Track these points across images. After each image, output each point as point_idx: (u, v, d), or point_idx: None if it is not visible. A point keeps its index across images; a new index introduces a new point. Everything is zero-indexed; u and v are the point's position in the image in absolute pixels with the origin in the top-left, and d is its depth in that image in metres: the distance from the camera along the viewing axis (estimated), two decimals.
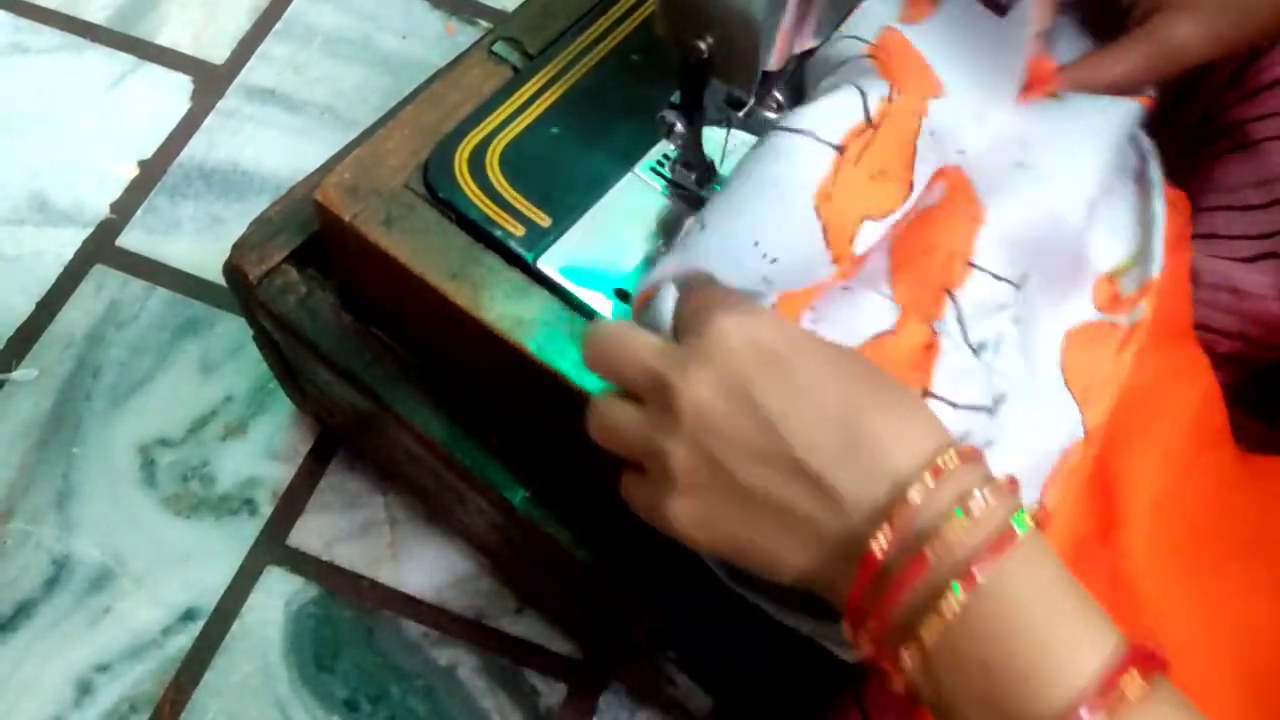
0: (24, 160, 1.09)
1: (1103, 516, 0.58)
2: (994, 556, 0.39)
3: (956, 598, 0.38)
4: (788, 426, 0.42)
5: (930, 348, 0.53)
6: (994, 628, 0.39)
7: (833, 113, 0.55)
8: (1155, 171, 0.63)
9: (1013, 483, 0.42)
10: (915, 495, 0.40)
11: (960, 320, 0.55)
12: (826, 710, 0.66)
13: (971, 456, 0.41)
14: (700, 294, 0.49)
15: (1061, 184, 0.59)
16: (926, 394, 0.53)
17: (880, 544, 0.40)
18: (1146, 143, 0.64)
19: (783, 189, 0.54)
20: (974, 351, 0.55)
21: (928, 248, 0.56)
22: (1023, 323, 0.57)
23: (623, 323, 0.48)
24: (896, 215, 0.55)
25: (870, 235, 0.54)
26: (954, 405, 0.53)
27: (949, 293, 0.55)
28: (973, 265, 0.56)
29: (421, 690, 0.87)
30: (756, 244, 0.53)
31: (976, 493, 0.40)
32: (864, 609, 0.41)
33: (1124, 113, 0.62)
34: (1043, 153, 0.59)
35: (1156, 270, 0.61)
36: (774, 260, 0.53)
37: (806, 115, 0.55)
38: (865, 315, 0.53)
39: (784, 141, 0.55)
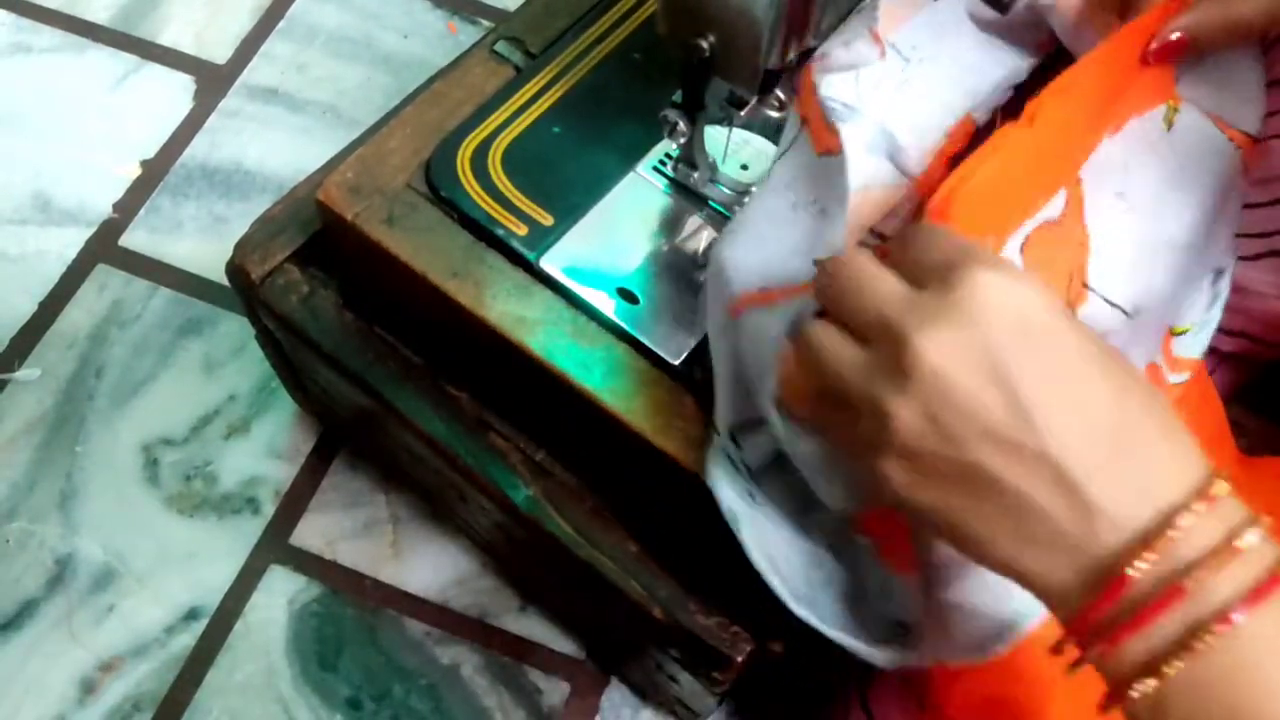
0: (27, 160, 1.09)
1: None
2: (1257, 600, 0.36)
3: (1213, 636, 0.36)
4: (1046, 417, 0.38)
5: (1082, 246, 0.52)
6: (1245, 676, 0.36)
7: None
8: (1230, 251, 0.62)
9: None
10: (1185, 523, 0.37)
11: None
12: (831, 708, 0.66)
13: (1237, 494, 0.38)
14: (948, 238, 0.43)
15: (1154, 223, 0.57)
16: (1085, 286, 0.52)
17: (1138, 569, 0.37)
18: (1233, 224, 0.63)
19: None
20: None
21: (1049, 260, 0.53)
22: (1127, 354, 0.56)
23: (868, 258, 0.43)
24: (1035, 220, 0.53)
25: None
26: (1106, 301, 0.52)
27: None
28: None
29: (424, 689, 0.87)
30: None
31: (1248, 532, 0.37)
32: (1099, 631, 0.38)
33: (1224, 161, 0.59)
34: (1140, 187, 0.57)
35: (1200, 351, 0.59)
36: None
37: None
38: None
39: None
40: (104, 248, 1.05)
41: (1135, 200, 0.56)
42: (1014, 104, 0.59)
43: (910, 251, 0.43)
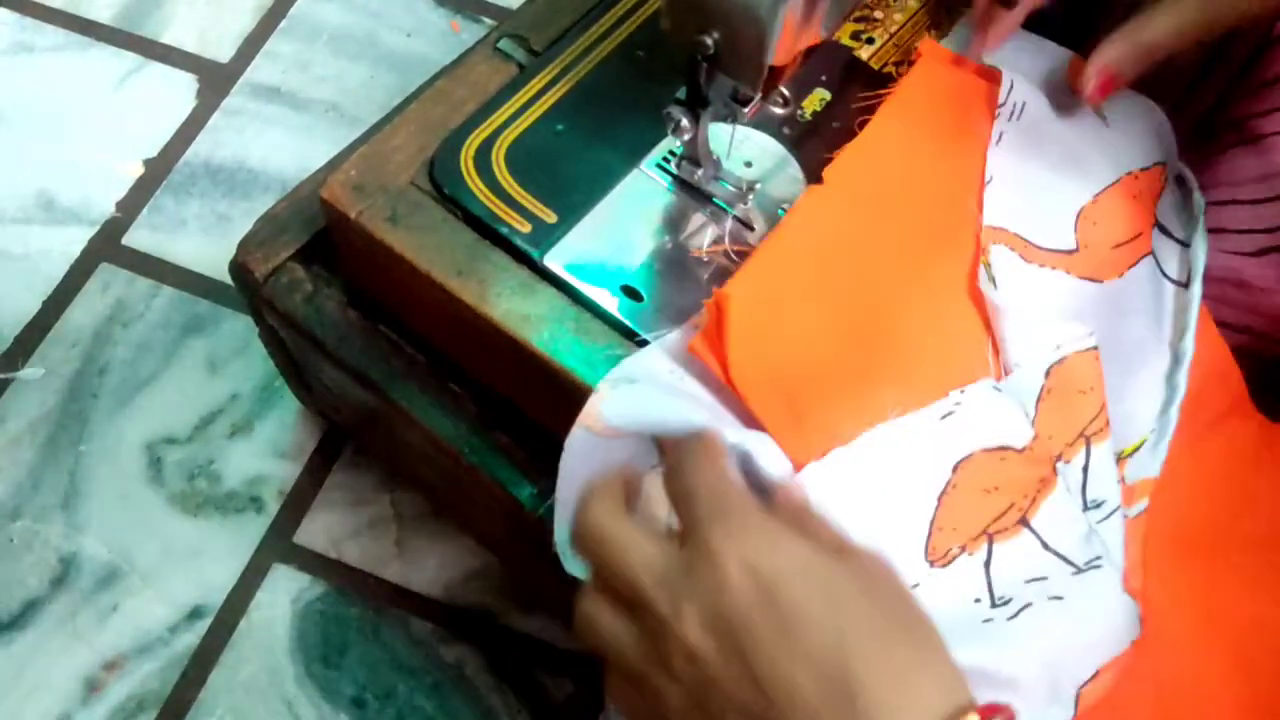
0: (30, 159, 1.09)
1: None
2: None
3: None
4: (771, 678, 0.38)
5: (1045, 482, 0.53)
6: None
7: None
8: (1189, 343, 0.62)
9: None
10: None
11: (1085, 470, 0.54)
12: None
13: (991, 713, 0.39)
14: (702, 479, 0.43)
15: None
16: (1022, 522, 0.52)
17: None
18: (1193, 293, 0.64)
19: None
20: (1085, 506, 0.54)
21: (1081, 388, 0.54)
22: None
23: (615, 519, 0.43)
24: None
25: None
26: (1043, 545, 0.52)
27: (1087, 440, 0.55)
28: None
29: (429, 687, 0.87)
30: None
31: None
32: None
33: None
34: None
35: (1157, 469, 0.59)
36: None
37: None
38: (1004, 423, 0.53)
39: None
40: (107, 247, 1.05)
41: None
42: None
43: (677, 498, 0.43)
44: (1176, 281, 0.63)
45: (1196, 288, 0.63)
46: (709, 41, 0.53)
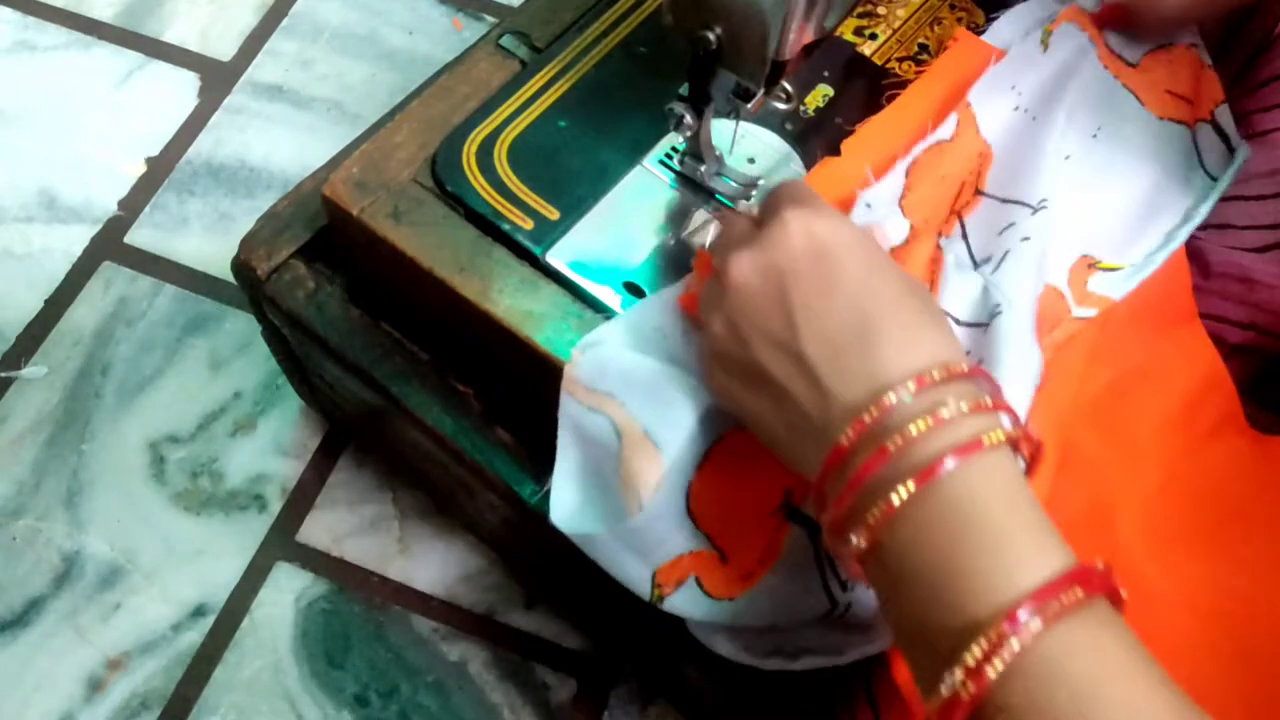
0: (32, 158, 1.09)
1: (1094, 502, 0.58)
2: (954, 458, 0.40)
3: (908, 489, 0.41)
4: (804, 318, 0.45)
5: (935, 262, 0.56)
6: (942, 523, 0.40)
7: None
8: (1202, 210, 0.64)
9: (1001, 406, 0.43)
10: (890, 399, 0.42)
11: (965, 238, 0.58)
12: (837, 701, 0.66)
13: (966, 376, 0.43)
14: (788, 185, 0.51)
15: (1056, 135, 0.61)
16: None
17: (848, 435, 0.43)
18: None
19: None
20: (975, 264, 0.57)
21: (942, 176, 0.58)
22: (1033, 244, 0.58)
23: (737, 212, 0.53)
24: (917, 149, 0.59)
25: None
26: (957, 321, 0.55)
27: (959, 216, 0.58)
28: (981, 193, 0.59)
29: (432, 685, 0.87)
30: None
31: (950, 402, 0.42)
32: (825, 495, 0.44)
33: (1112, 91, 0.64)
34: (1035, 101, 0.62)
35: (1121, 295, 0.61)
36: None
37: None
38: (884, 229, 0.56)
39: None
40: (110, 245, 1.05)
41: (1034, 110, 0.61)
42: None
43: (766, 203, 0.51)
44: (1209, 173, 0.64)
45: (1219, 191, 0.64)
46: (712, 37, 0.53)
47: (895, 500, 0.41)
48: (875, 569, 0.43)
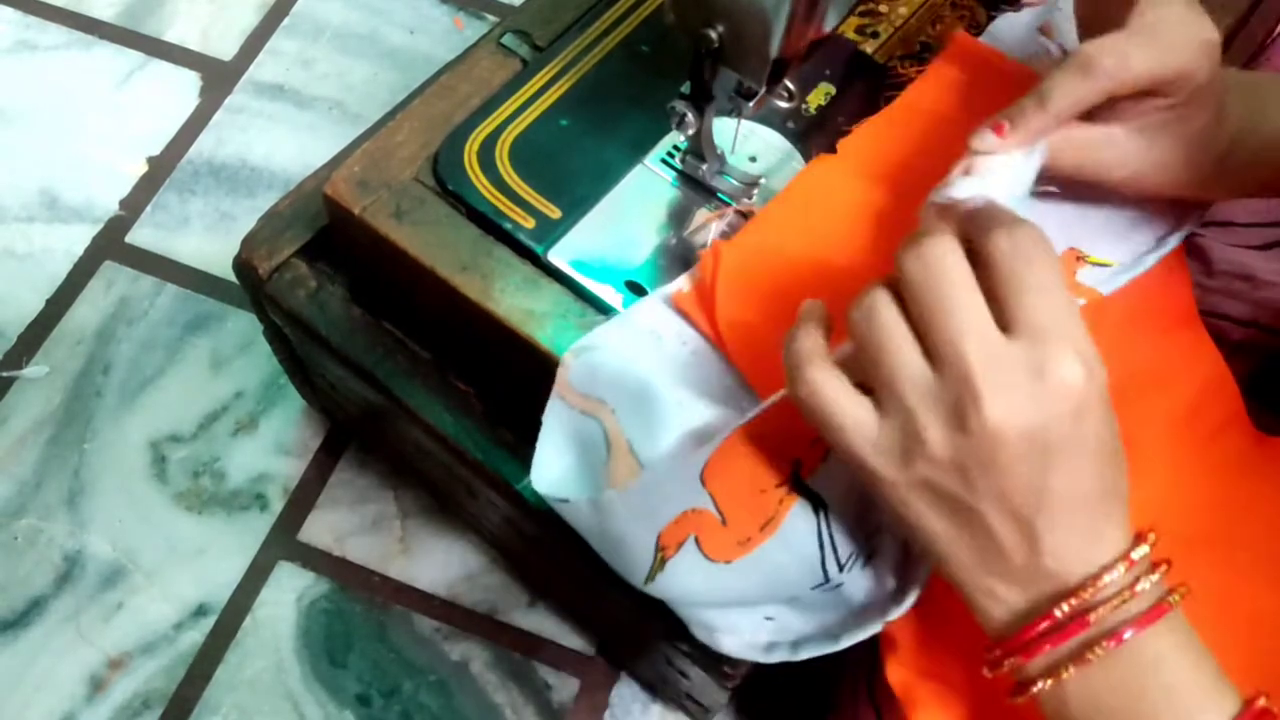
0: (33, 158, 1.09)
1: None
2: (1145, 624, 0.43)
3: (1103, 649, 0.43)
4: (1051, 502, 0.43)
5: None
6: (1133, 683, 0.44)
7: None
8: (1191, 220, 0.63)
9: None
10: (1105, 581, 0.44)
11: None
12: (839, 701, 0.66)
13: (1154, 546, 0.45)
14: (1053, 295, 0.43)
15: None
16: None
17: (1063, 610, 0.44)
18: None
19: None
20: None
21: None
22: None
23: (962, 268, 0.42)
24: None
25: None
26: None
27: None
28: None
29: (434, 685, 0.87)
30: None
31: (1144, 577, 0.44)
32: (1019, 648, 0.45)
33: None
34: None
35: (1109, 290, 0.60)
36: None
37: None
38: None
39: None
40: (111, 245, 1.05)
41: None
42: None
43: (1014, 287, 0.42)
44: None
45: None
46: (714, 35, 0.53)
47: (1091, 658, 0.44)
48: (1057, 709, 0.46)
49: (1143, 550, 0.45)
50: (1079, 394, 0.41)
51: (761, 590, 0.57)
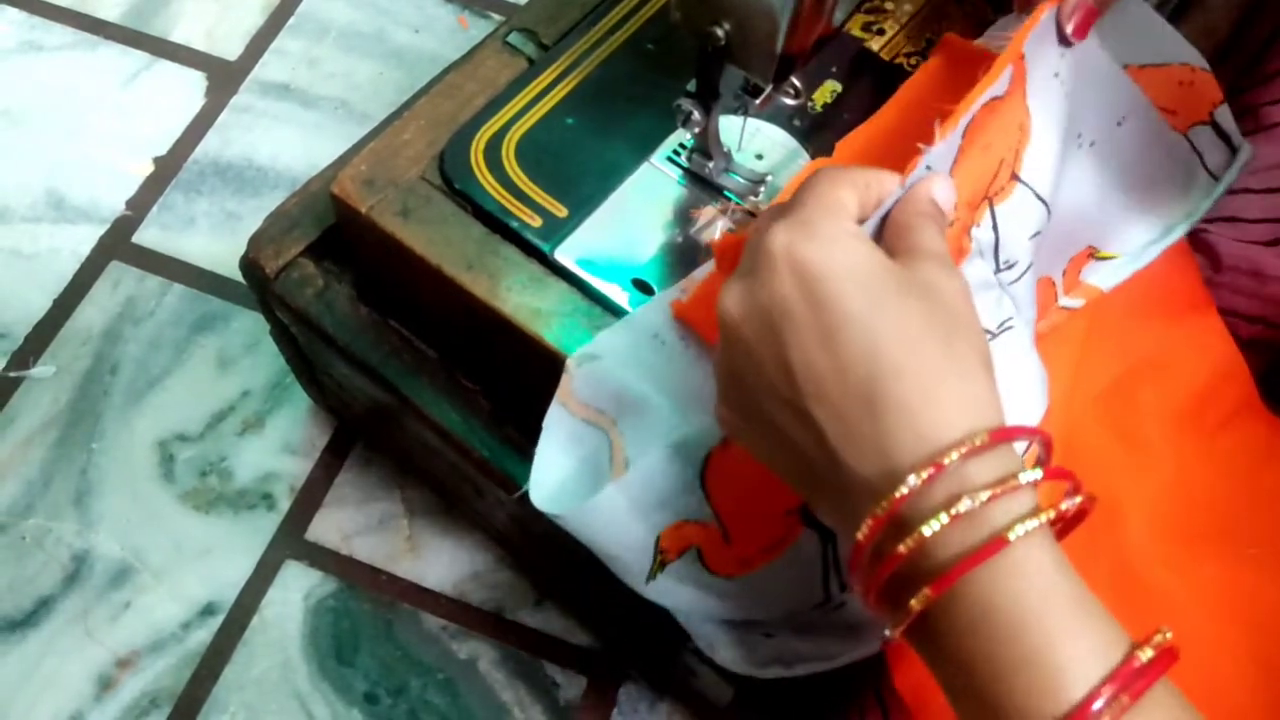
0: (39, 158, 1.09)
1: (1101, 503, 0.58)
2: (973, 564, 0.37)
3: (925, 597, 0.38)
4: (804, 375, 0.40)
5: (961, 253, 0.52)
6: (969, 634, 0.37)
7: None
8: (1201, 209, 0.62)
9: (1043, 470, 0.39)
10: (901, 492, 0.38)
11: (995, 229, 0.53)
12: (847, 701, 0.66)
13: (991, 446, 0.38)
14: (806, 187, 0.44)
15: (1074, 118, 0.57)
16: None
17: (863, 532, 0.39)
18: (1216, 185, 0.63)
19: None
20: (998, 268, 0.53)
21: (987, 144, 0.53)
22: (1040, 252, 0.56)
23: (772, 206, 0.44)
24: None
25: None
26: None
27: (990, 202, 0.53)
28: (1017, 178, 0.53)
29: (441, 683, 0.87)
30: None
31: (970, 492, 0.37)
32: (858, 577, 0.41)
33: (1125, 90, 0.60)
34: (1069, 72, 0.56)
35: (1111, 285, 0.60)
36: None
37: None
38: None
39: None
40: (117, 245, 1.05)
41: (1068, 84, 0.55)
42: None
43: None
44: (1212, 173, 0.62)
45: (1221, 189, 0.62)
46: (720, 33, 0.53)
47: (915, 606, 0.38)
48: (920, 652, 0.40)
49: (958, 451, 0.38)
50: (790, 261, 0.40)
51: (760, 605, 0.57)
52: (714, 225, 0.64)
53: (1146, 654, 0.36)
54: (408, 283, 0.66)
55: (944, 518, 0.37)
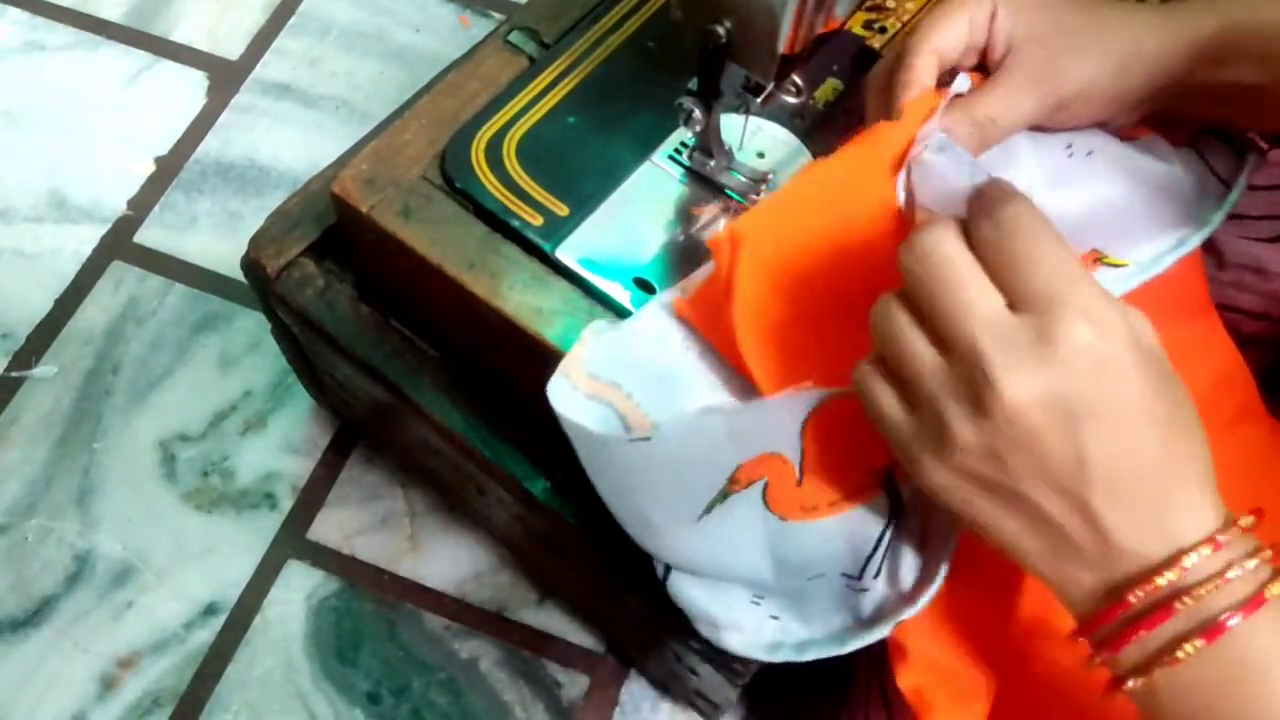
0: (41, 158, 1.09)
1: None
2: (1239, 615, 0.40)
3: (1195, 646, 0.40)
4: (1098, 468, 0.41)
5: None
6: (1230, 680, 0.40)
7: None
8: (1216, 218, 0.61)
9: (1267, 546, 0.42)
10: (1188, 563, 0.41)
11: None
12: (851, 700, 0.66)
13: (1247, 530, 0.42)
14: (1054, 259, 0.41)
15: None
16: None
17: (1137, 595, 0.41)
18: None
19: None
20: None
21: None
22: None
23: (961, 253, 0.42)
24: None
25: None
26: None
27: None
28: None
29: (443, 683, 0.87)
30: None
31: (1237, 561, 0.41)
32: (1101, 639, 0.43)
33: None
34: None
35: (1120, 293, 0.59)
36: None
37: None
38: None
39: None
40: (119, 244, 1.05)
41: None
42: None
43: (1008, 263, 0.42)
44: (1219, 177, 0.62)
45: (1234, 197, 0.62)
46: (721, 31, 0.53)
47: (1181, 655, 0.40)
48: (1148, 707, 0.43)
49: (1233, 531, 0.41)
50: (1091, 354, 0.40)
51: (797, 559, 0.56)
52: (716, 224, 0.64)
53: None
54: (409, 282, 0.66)
55: (1218, 580, 0.40)
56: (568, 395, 0.55)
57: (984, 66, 0.56)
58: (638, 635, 0.83)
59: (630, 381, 0.54)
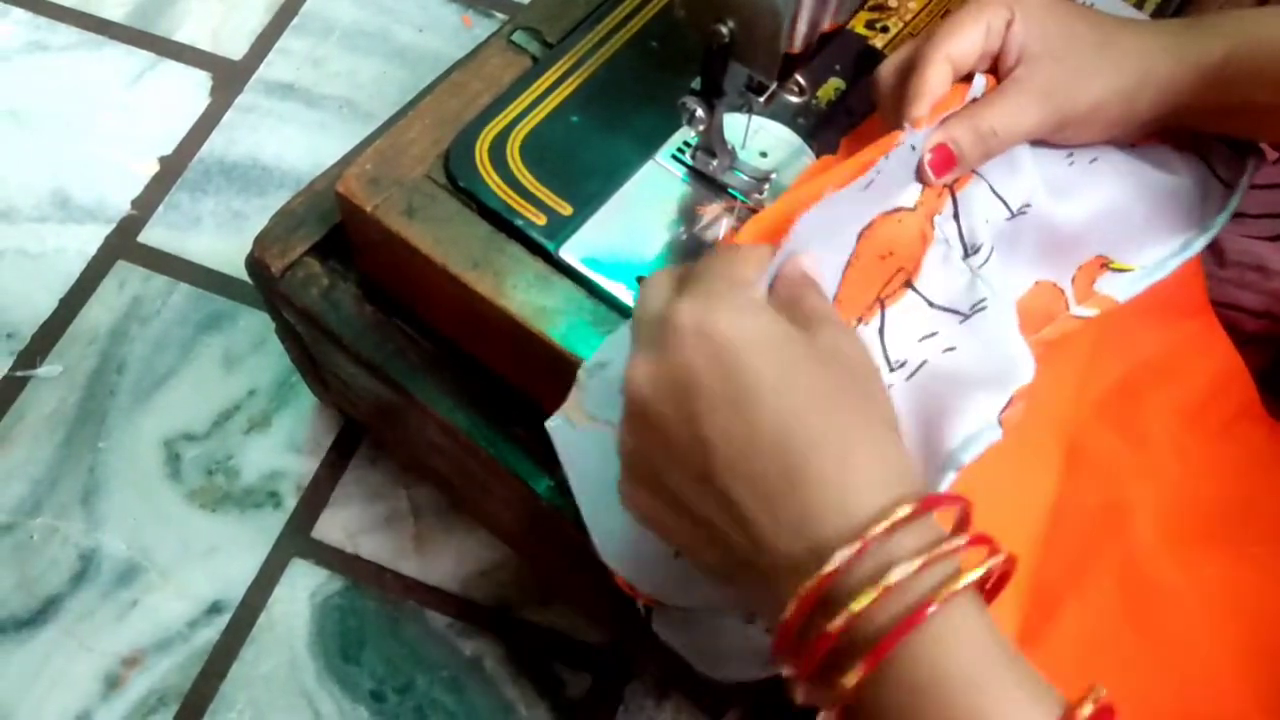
0: (45, 158, 1.09)
1: (1108, 504, 0.58)
2: (903, 631, 0.36)
3: (858, 674, 0.36)
4: (721, 448, 0.39)
5: (925, 239, 0.53)
6: (903, 707, 0.36)
7: None
8: (1219, 221, 0.61)
9: (966, 534, 0.39)
10: (829, 567, 0.37)
11: (957, 218, 0.54)
12: None
13: (914, 517, 0.38)
14: (706, 263, 0.44)
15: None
16: (907, 284, 0.52)
17: (790, 611, 0.38)
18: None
19: None
20: (966, 252, 0.54)
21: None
22: (1008, 246, 0.56)
23: (659, 274, 0.45)
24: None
25: None
26: (930, 303, 0.53)
27: (952, 191, 0.55)
28: (976, 173, 0.55)
29: (447, 681, 0.88)
30: None
31: (899, 564, 0.37)
32: (787, 659, 0.40)
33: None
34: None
35: (1126, 297, 0.59)
36: None
37: None
38: (901, 186, 0.53)
39: None
40: (123, 244, 1.05)
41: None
42: None
43: (698, 274, 0.44)
44: (1221, 179, 0.62)
45: (1237, 198, 0.62)
46: (724, 31, 0.53)
47: (849, 683, 0.36)
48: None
49: (883, 526, 0.37)
50: (699, 336, 0.40)
51: None
52: (719, 223, 0.64)
53: (1086, 710, 0.35)
54: (413, 281, 0.66)
55: (873, 592, 0.36)
56: (566, 432, 0.55)
57: (993, 70, 0.56)
58: (641, 633, 0.83)
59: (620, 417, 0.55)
